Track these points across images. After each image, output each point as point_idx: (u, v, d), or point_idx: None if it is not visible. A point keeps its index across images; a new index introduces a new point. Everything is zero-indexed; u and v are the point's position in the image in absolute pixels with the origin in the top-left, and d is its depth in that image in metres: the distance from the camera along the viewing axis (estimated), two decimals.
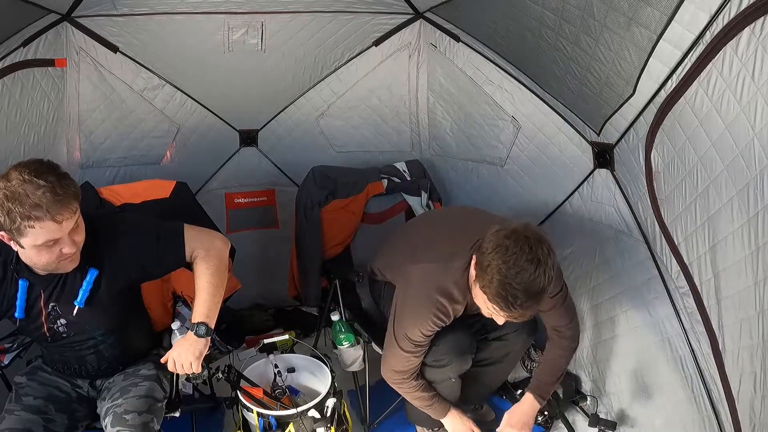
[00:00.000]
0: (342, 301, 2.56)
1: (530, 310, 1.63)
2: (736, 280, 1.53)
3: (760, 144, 1.32)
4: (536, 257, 1.56)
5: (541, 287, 1.57)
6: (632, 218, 2.08)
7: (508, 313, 1.64)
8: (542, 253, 1.57)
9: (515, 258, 1.56)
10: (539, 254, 1.56)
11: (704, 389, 1.81)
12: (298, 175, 2.95)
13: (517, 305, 1.59)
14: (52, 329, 1.74)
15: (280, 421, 2.08)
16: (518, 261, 1.56)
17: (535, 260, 1.56)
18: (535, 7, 1.89)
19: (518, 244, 1.58)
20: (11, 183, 1.44)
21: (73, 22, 2.42)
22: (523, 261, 1.55)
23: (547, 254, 1.58)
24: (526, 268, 1.55)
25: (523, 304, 1.58)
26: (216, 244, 1.84)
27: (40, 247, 1.51)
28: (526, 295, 1.57)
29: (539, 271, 1.55)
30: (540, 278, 1.56)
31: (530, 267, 1.55)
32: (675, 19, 1.44)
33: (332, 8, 2.54)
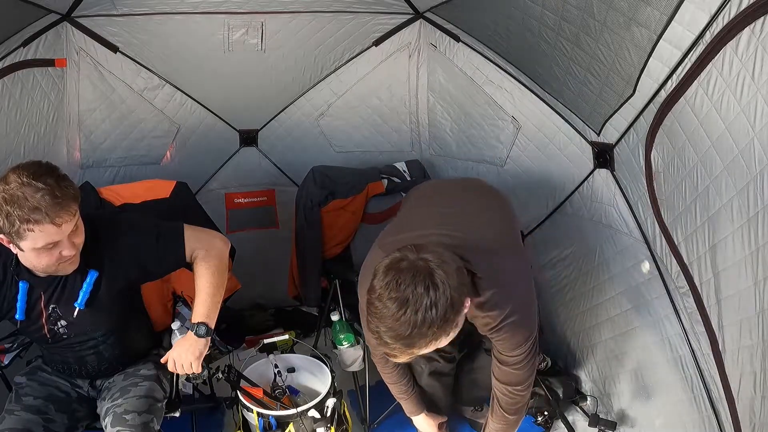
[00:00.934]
0: (342, 301, 2.56)
1: (409, 352, 1.41)
2: (736, 280, 1.53)
3: (760, 144, 1.32)
4: (403, 297, 1.35)
5: (410, 331, 1.34)
6: (632, 218, 2.08)
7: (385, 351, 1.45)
8: (416, 292, 1.34)
9: (382, 291, 1.37)
10: (411, 293, 1.35)
11: (704, 389, 1.81)
12: (298, 175, 2.95)
13: (387, 348, 1.41)
14: (53, 330, 1.74)
15: (280, 421, 2.08)
16: (381, 298, 1.37)
17: (400, 300, 1.35)
18: (535, 7, 1.89)
19: (387, 278, 1.38)
20: (10, 186, 1.43)
21: (73, 22, 2.42)
22: (387, 299, 1.36)
23: (426, 293, 1.35)
24: (388, 307, 1.36)
25: (396, 348, 1.39)
26: (216, 244, 1.84)
27: (40, 250, 1.50)
28: (390, 337, 1.37)
29: (405, 312, 1.34)
30: (407, 321, 1.34)
31: (392, 306, 1.35)
32: (675, 19, 1.44)
33: (332, 8, 2.54)
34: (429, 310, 1.35)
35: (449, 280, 1.38)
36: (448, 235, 1.66)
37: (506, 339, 1.70)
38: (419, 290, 1.35)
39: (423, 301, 1.34)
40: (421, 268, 1.38)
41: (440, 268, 1.39)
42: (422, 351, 1.43)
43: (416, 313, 1.34)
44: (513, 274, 1.71)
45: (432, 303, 1.35)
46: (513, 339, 1.70)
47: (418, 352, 1.43)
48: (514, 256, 1.78)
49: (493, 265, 1.63)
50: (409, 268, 1.39)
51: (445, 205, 1.94)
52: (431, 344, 1.42)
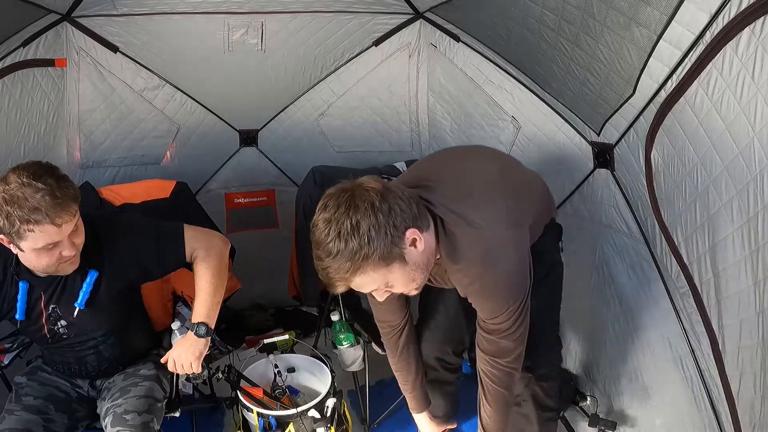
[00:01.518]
0: (342, 301, 2.56)
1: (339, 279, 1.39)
2: (736, 280, 1.52)
3: (760, 144, 1.32)
4: (328, 218, 1.36)
5: (333, 253, 1.34)
6: (632, 218, 2.08)
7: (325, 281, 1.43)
8: (338, 213, 1.35)
9: (316, 217, 1.41)
10: (332, 214, 1.35)
11: (704, 389, 1.81)
12: (298, 175, 2.95)
13: (321, 273, 1.41)
14: (53, 330, 1.74)
15: (280, 421, 2.08)
16: (315, 221, 1.40)
17: (324, 221, 1.37)
18: (535, 7, 1.88)
19: (321, 201, 1.41)
20: (10, 186, 1.43)
21: (73, 22, 2.42)
22: (317, 220, 1.39)
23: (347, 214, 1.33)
24: (317, 229, 1.39)
25: (324, 271, 1.39)
26: (216, 244, 1.84)
27: (40, 251, 1.50)
28: (320, 260, 1.39)
29: (328, 233, 1.35)
30: (331, 243, 1.34)
31: (321, 227, 1.37)
32: (675, 19, 1.44)
33: (332, 8, 2.54)
34: (351, 233, 1.32)
35: (377, 203, 1.34)
36: (422, 175, 1.60)
37: (483, 300, 1.56)
38: (341, 210, 1.34)
39: (344, 222, 1.33)
40: (348, 189, 1.37)
41: (369, 191, 1.36)
42: (361, 282, 1.39)
43: (339, 235, 1.33)
44: (495, 226, 1.50)
45: (353, 224, 1.32)
46: (491, 300, 1.54)
47: (356, 282, 1.39)
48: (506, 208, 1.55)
49: (469, 210, 1.49)
50: (338, 190, 1.39)
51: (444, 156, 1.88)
52: (363, 273, 1.36)
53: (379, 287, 1.45)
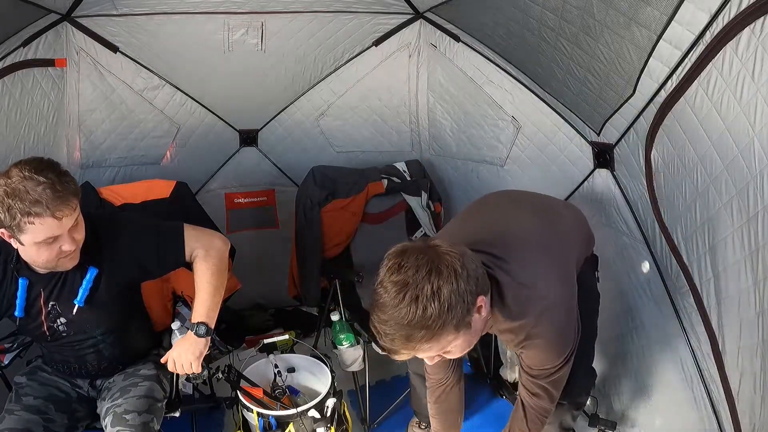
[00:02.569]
0: (342, 301, 2.56)
1: (410, 347, 1.29)
2: (736, 280, 1.53)
3: (760, 144, 1.32)
4: (404, 280, 1.24)
5: (408, 320, 1.23)
6: (632, 218, 2.08)
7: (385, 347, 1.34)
8: (417, 276, 1.23)
9: (384, 278, 1.28)
10: (411, 277, 1.24)
11: (704, 389, 1.81)
12: (298, 175, 2.95)
13: (380, 337, 1.30)
14: (52, 328, 1.74)
15: (280, 421, 2.08)
16: (383, 282, 1.27)
17: (401, 283, 1.24)
18: (535, 7, 1.88)
19: (390, 261, 1.29)
20: (11, 180, 1.45)
21: (73, 22, 2.42)
22: (387, 282, 1.26)
23: (428, 278, 1.23)
24: (387, 292, 1.26)
25: (384, 336, 1.28)
26: (216, 244, 1.84)
27: (40, 245, 1.51)
28: (384, 327, 1.27)
29: (403, 298, 1.23)
30: (406, 308, 1.22)
31: (392, 290, 1.25)
32: (675, 19, 1.44)
33: (332, 8, 2.54)
34: (431, 299, 1.22)
35: (459, 268, 1.26)
36: (473, 233, 1.55)
37: (534, 355, 1.56)
38: (421, 274, 1.23)
39: (424, 286, 1.22)
40: (426, 251, 1.28)
41: (449, 254, 1.27)
42: (424, 349, 1.30)
43: (416, 300, 1.22)
44: (546, 285, 1.49)
45: (434, 290, 1.22)
46: (543, 355, 1.54)
47: (420, 350, 1.30)
48: (553, 265, 1.55)
49: (520, 270, 1.46)
50: (414, 251, 1.29)
51: (488, 213, 1.81)
52: (433, 341, 1.28)
53: (433, 357, 1.38)
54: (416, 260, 1.26)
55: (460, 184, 3.02)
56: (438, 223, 2.98)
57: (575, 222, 1.83)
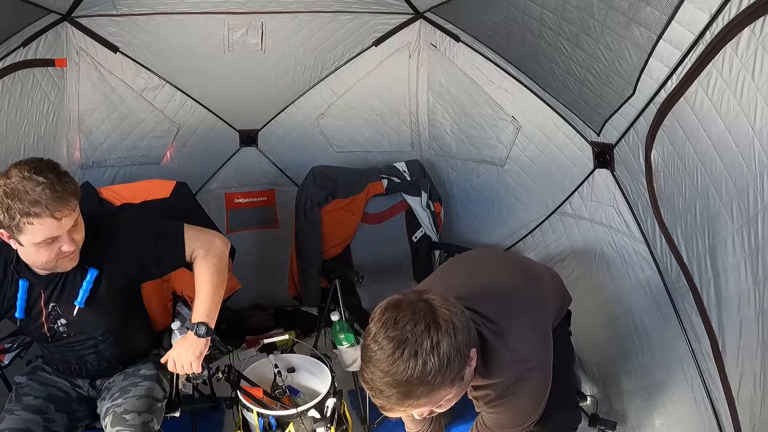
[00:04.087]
0: (342, 301, 2.56)
1: (406, 404, 1.24)
2: (736, 280, 1.53)
3: (760, 144, 1.32)
4: (402, 336, 1.19)
5: (407, 375, 1.18)
6: (632, 218, 2.09)
7: (379, 405, 1.28)
8: (416, 331, 1.19)
9: (378, 331, 1.23)
10: (409, 331, 1.19)
11: (704, 389, 1.81)
12: (298, 175, 2.95)
13: (375, 396, 1.25)
14: (53, 329, 1.74)
15: (280, 421, 2.08)
16: (376, 338, 1.22)
17: (398, 339, 1.19)
18: (535, 7, 1.89)
19: (384, 316, 1.24)
20: (11, 180, 1.44)
21: (73, 22, 2.42)
22: (382, 338, 1.21)
23: (427, 332, 1.19)
24: (381, 349, 1.21)
25: (377, 395, 1.24)
26: (216, 244, 1.84)
27: (39, 245, 1.51)
28: (384, 383, 1.21)
29: (401, 354, 1.18)
30: (405, 363, 1.18)
31: (388, 346, 1.20)
32: (675, 19, 1.44)
33: (332, 8, 2.54)
34: (431, 353, 1.18)
35: (456, 322, 1.23)
36: (456, 288, 1.51)
37: (502, 416, 1.52)
38: (419, 328, 1.19)
39: (423, 341, 1.18)
40: (422, 305, 1.24)
41: (444, 307, 1.25)
42: (420, 405, 1.26)
43: (415, 356, 1.17)
44: (530, 346, 1.48)
45: (434, 344, 1.18)
46: (510, 417, 1.51)
47: (416, 406, 1.26)
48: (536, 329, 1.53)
49: (504, 325, 1.44)
50: (409, 305, 1.24)
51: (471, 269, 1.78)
52: (431, 396, 1.24)
53: (422, 413, 1.34)
54: (413, 314, 1.22)
55: (460, 184, 3.02)
56: (438, 223, 2.98)
57: (555, 287, 1.82)
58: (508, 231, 2.79)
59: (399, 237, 2.88)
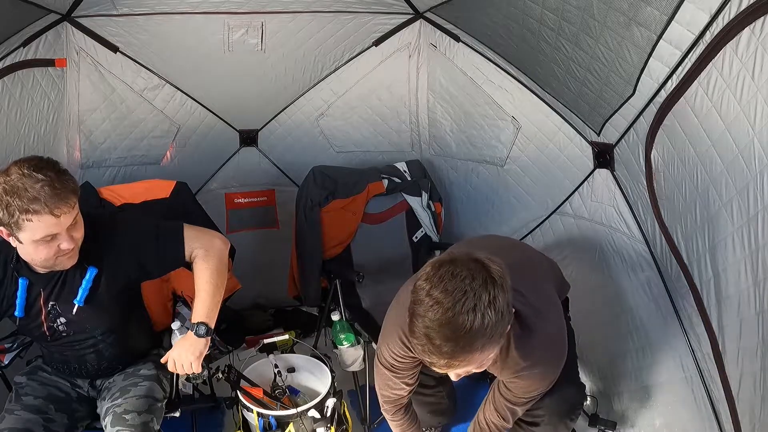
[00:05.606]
0: (342, 301, 2.56)
1: (456, 358, 1.23)
2: (736, 280, 1.53)
3: (760, 144, 1.32)
4: (462, 287, 1.20)
5: (467, 328, 1.18)
6: (632, 218, 2.08)
7: (430, 359, 1.28)
8: (475, 284, 1.20)
9: (434, 286, 1.23)
10: (468, 284, 1.20)
11: (704, 389, 1.81)
12: (298, 175, 2.96)
13: (434, 347, 1.23)
14: (52, 328, 1.74)
15: (280, 421, 2.08)
16: (432, 292, 1.22)
17: (460, 290, 1.20)
18: (535, 7, 1.89)
19: (442, 269, 1.24)
20: (11, 177, 1.45)
21: (73, 22, 2.42)
22: (438, 291, 1.21)
23: (485, 286, 1.20)
24: (446, 298, 1.20)
25: (441, 345, 1.21)
26: (216, 244, 1.84)
27: (39, 242, 1.51)
28: (442, 335, 1.20)
29: (464, 304, 1.18)
30: (465, 315, 1.18)
31: (446, 300, 1.20)
32: (675, 19, 1.44)
33: (332, 8, 2.55)
34: (488, 307, 1.19)
35: (507, 279, 1.24)
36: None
37: (527, 383, 1.60)
38: (477, 282, 1.20)
39: (482, 295, 1.19)
40: (474, 262, 1.24)
41: (495, 265, 1.25)
42: (471, 360, 1.25)
43: (474, 309, 1.18)
44: (557, 314, 1.58)
45: (491, 299, 1.19)
46: (535, 383, 1.59)
47: (467, 363, 1.25)
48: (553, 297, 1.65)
49: (532, 296, 1.49)
50: (463, 261, 1.24)
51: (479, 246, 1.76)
52: (484, 351, 1.24)
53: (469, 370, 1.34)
54: (469, 270, 1.22)
55: (460, 184, 3.02)
56: (438, 223, 2.98)
57: (554, 274, 1.91)
58: (508, 231, 2.79)
59: (399, 237, 2.88)
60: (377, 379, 1.85)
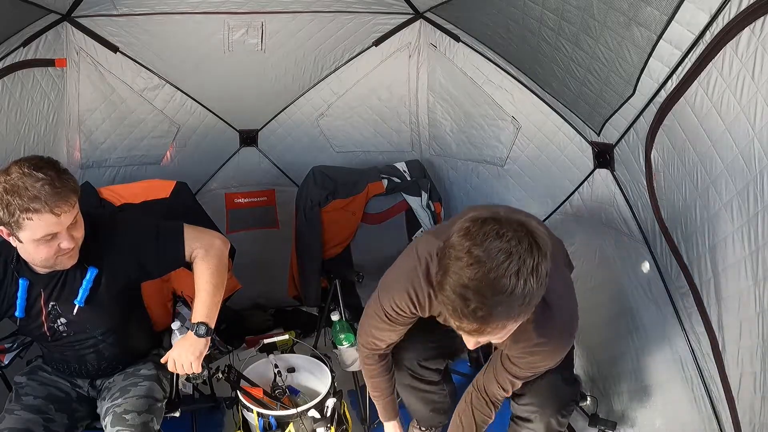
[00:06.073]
0: (342, 301, 2.56)
1: (489, 323, 1.16)
2: (736, 280, 1.53)
3: (760, 144, 1.32)
4: (508, 248, 1.12)
5: (508, 292, 1.12)
6: (632, 218, 2.08)
7: (459, 322, 1.20)
8: (520, 248, 1.12)
9: (475, 244, 1.14)
10: (514, 246, 1.12)
11: (704, 389, 1.81)
12: (298, 175, 2.96)
13: (468, 309, 1.15)
14: (53, 328, 1.74)
15: (280, 421, 2.08)
16: (475, 248, 1.13)
17: (505, 251, 1.12)
18: (535, 7, 1.89)
19: (486, 227, 1.15)
20: (11, 176, 1.45)
21: (73, 22, 2.42)
22: (481, 249, 1.13)
23: (530, 251, 1.13)
24: (489, 258, 1.12)
25: (476, 308, 1.13)
26: (216, 244, 1.84)
27: (39, 242, 1.51)
28: (480, 296, 1.12)
29: (508, 266, 1.11)
30: (507, 279, 1.11)
31: (491, 260, 1.11)
32: (675, 19, 1.44)
33: (332, 8, 2.55)
34: (531, 273, 1.11)
35: (550, 246, 1.17)
36: None
37: (538, 359, 1.57)
38: (523, 246, 1.12)
39: (527, 260, 1.11)
40: (522, 225, 1.16)
41: (540, 228, 1.18)
42: (503, 328, 1.18)
43: (518, 273, 1.10)
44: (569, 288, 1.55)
45: (535, 265, 1.11)
46: (546, 358, 1.57)
47: (498, 329, 1.18)
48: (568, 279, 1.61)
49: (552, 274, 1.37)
50: (508, 221, 1.15)
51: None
52: (520, 317, 1.17)
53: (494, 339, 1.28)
54: (515, 231, 1.14)
55: (460, 184, 3.02)
56: (438, 223, 2.98)
57: (563, 252, 1.88)
58: None
59: (399, 237, 2.87)
60: (363, 322, 1.79)
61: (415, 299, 1.59)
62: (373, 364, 1.89)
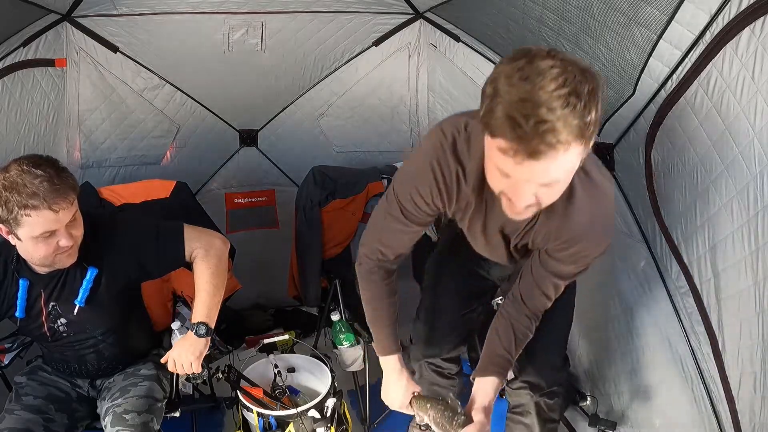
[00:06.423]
0: (342, 301, 2.56)
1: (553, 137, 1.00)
2: (736, 280, 1.53)
3: (760, 144, 1.32)
4: (562, 68, 1.02)
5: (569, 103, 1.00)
6: (632, 218, 2.08)
7: (514, 151, 1.04)
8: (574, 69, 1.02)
9: (526, 62, 1.02)
10: (568, 68, 1.02)
11: (704, 389, 1.81)
12: (298, 175, 2.95)
13: (528, 125, 1.00)
14: (53, 328, 1.74)
15: (280, 421, 2.08)
16: (525, 67, 1.02)
17: (559, 67, 1.01)
18: (535, 7, 1.89)
19: (552, 51, 1.05)
20: (10, 174, 1.46)
21: (73, 22, 2.42)
22: (532, 68, 1.01)
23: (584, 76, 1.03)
24: (543, 74, 1.00)
25: (538, 122, 0.99)
26: (216, 244, 1.84)
27: (37, 239, 1.51)
28: (540, 107, 0.99)
29: (566, 80, 1.00)
30: (567, 86, 1.00)
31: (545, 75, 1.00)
32: (675, 19, 1.44)
33: (332, 8, 2.55)
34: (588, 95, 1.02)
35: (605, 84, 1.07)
36: None
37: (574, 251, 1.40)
38: (577, 67, 1.03)
39: (581, 80, 1.01)
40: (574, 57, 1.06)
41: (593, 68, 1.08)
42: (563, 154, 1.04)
43: (575, 92, 1.00)
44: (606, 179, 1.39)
45: (590, 89, 1.03)
46: (585, 249, 1.40)
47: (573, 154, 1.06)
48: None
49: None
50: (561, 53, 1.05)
51: None
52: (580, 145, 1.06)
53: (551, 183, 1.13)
54: (572, 55, 1.06)
55: None
56: (437, 223, 2.97)
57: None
58: None
59: None
60: (369, 227, 1.60)
61: (441, 180, 1.39)
62: (377, 281, 1.61)
